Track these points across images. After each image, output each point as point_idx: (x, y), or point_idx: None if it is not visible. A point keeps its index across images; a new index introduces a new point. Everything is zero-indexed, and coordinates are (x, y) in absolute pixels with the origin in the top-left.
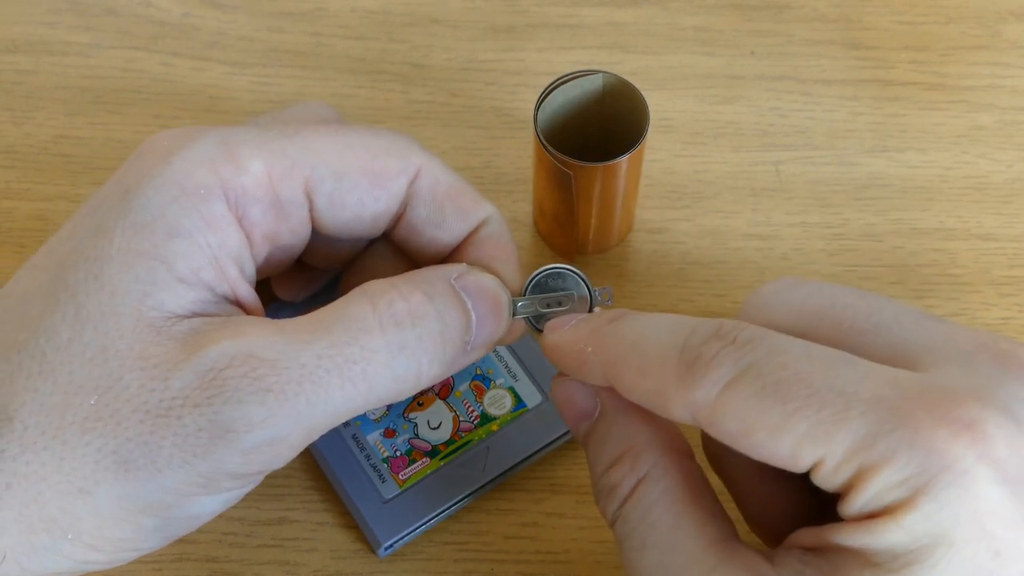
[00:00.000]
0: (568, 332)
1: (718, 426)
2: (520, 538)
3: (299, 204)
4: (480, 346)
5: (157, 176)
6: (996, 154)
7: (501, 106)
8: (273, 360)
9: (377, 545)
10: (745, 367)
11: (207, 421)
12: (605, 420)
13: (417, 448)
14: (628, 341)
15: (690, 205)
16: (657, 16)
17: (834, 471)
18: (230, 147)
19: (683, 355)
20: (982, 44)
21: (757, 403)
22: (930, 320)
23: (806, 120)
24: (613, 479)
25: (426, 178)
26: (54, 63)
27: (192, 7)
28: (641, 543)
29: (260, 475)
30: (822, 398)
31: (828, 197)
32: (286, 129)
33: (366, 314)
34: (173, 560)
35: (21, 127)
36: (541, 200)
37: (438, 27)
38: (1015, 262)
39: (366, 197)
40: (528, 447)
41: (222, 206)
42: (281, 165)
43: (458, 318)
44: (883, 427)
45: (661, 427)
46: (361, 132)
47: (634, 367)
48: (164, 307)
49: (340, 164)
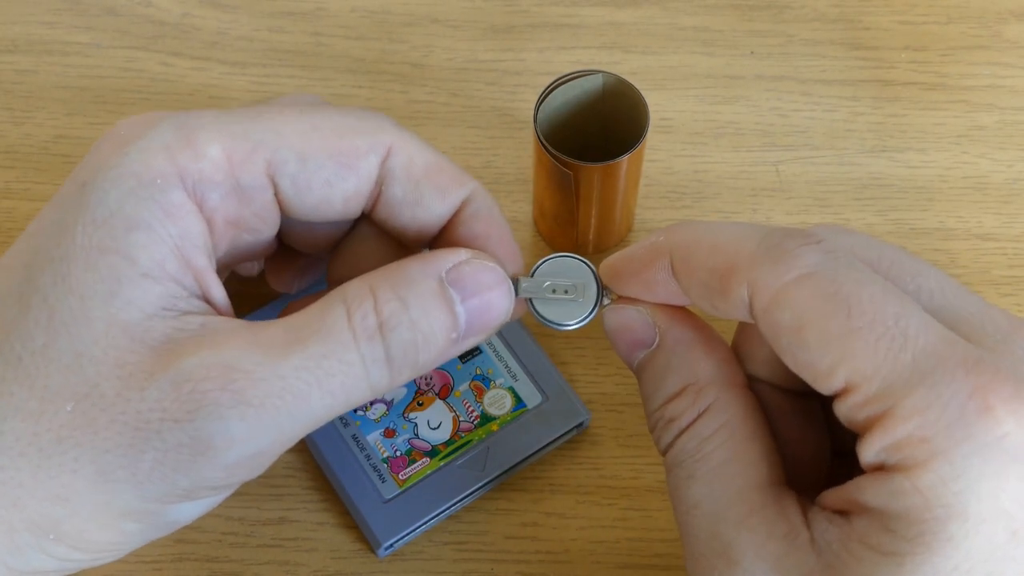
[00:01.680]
0: (637, 242)
1: (773, 314)
2: (520, 538)
3: (262, 188)
4: (473, 336)
5: (113, 168)
6: (996, 154)
7: (501, 106)
8: (251, 372)
9: (377, 545)
10: (824, 268)
11: (188, 437)
12: (664, 352)
13: (417, 448)
14: (705, 227)
15: (690, 205)
16: (657, 16)
17: (863, 403)
18: (187, 132)
19: (763, 241)
20: (982, 44)
21: (822, 304)
22: (970, 294)
23: (806, 120)
24: (672, 412)
25: (399, 156)
26: (54, 63)
27: (192, 7)
28: (691, 473)
29: (242, 481)
30: (885, 328)
31: (828, 197)
32: (249, 111)
33: (342, 326)
34: (173, 560)
35: (21, 127)
36: (541, 200)
37: (438, 27)
38: (1015, 262)
39: (333, 178)
40: (528, 447)
41: (180, 194)
42: (241, 148)
43: (438, 321)
44: (925, 379)
45: (723, 359)
46: (329, 112)
47: (707, 246)
48: (133, 305)
49: (304, 145)
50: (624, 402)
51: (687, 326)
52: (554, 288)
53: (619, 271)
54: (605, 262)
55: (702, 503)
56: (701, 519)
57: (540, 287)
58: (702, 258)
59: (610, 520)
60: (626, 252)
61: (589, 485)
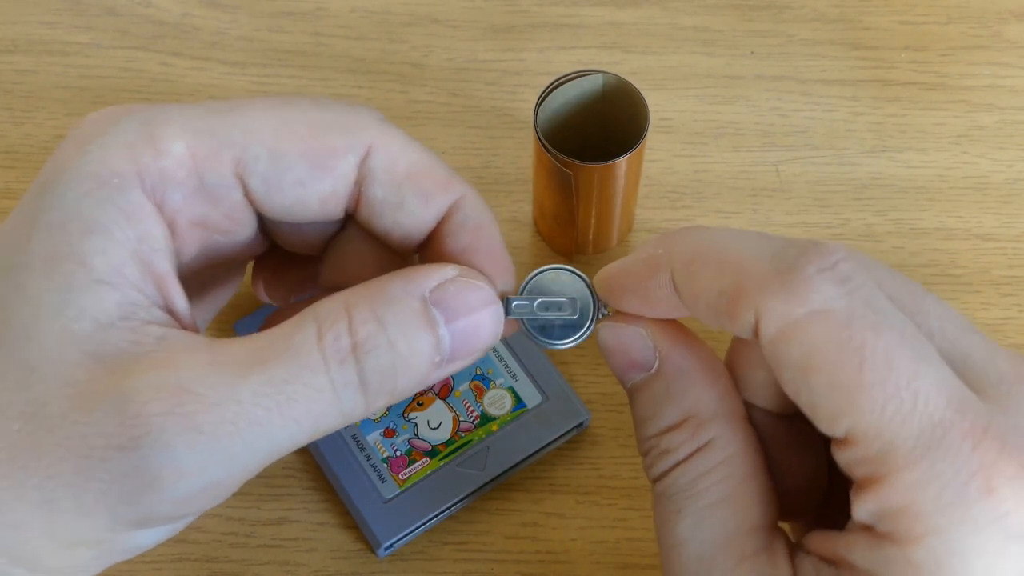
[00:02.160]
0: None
1: (780, 347)
2: (520, 538)
3: (229, 187)
4: (459, 359)
5: (71, 168)
6: (996, 154)
7: (501, 106)
8: (204, 395)
9: (377, 545)
10: (839, 306)
11: (132, 467)
12: (664, 378)
13: (417, 448)
14: (710, 239)
15: (690, 205)
16: (657, 16)
17: (862, 460)
18: (151, 128)
19: (776, 260)
20: (982, 44)
21: (834, 350)
22: (974, 332)
23: (806, 120)
24: (669, 443)
25: (380, 156)
26: (54, 63)
27: (192, 7)
28: (680, 508)
29: (201, 511)
30: (896, 389)
31: (828, 197)
32: (221, 105)
33: (311, 346)
34: (173, 560)
35: (21, 127)
36: (541, 200)
37: (438, 27)
38: (1015, 262)
39: (307, 178)
40: (528, 447)
41: (139, 194)
42: (208, 145)
43: (420, 344)
44: (930, 452)
45: (725, 390)
46: (306, 106)
47: (712, 263)
48: (86, 315)
49: (276, 142)
50: (624, 402)
51: (689, 352)
52: (547, 305)
53: (616, 285)
54: (601, 274)
55: (689, 542)
56: (687, 559)
57: (532, 306)
58: (708, 278)
59: (610, 520)
60: (623, 264)
61: (589, 485)
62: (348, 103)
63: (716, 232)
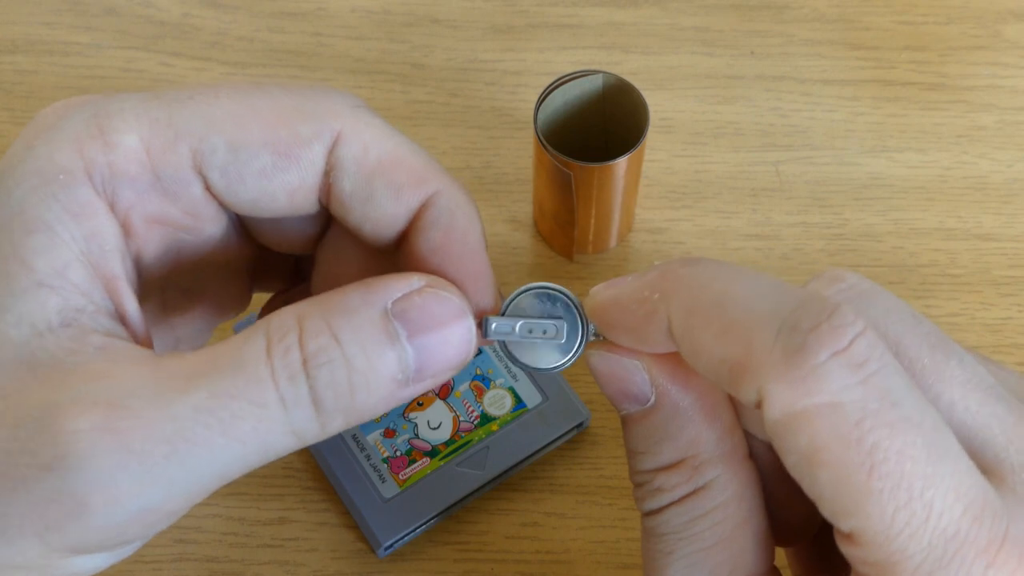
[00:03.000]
0: (630, 281)
1: (786, 434)
2: (520, 538)
3: (187, 181)
4: (428, 378)
5: (18, 165)
6: (996, 154)
7: (501, 106)
8: (137, 411)
9: (377, 545)
10: (853, 400)
11: (56, 490)
12: (661, 415)
13: (417, 448)
14: (713, 289)
15: (690, 205)
16: (657, 16)
17: (864, 561)
18: (100, 120)
19: (784, 334)
20: (982, 44)
21: (844, 451)
22: (995, 403)
23: (806, 120)
24: (664, 483)
25: (351, 145)
26: (54, 63)
27: (192, 7)
28: (672, 550)
29: (145, 538)
30: (908, 498)
31: (828, 197)
32: (180, 93)
33: (258, 360)
34: (173, 560)
35: (21, 127)
36: (541, 200)
37: (438, 27)
38: (1015, 262)
39: (270, 169)
40: (528, 447)
41: (87, 191)
42: (163, 136)
43: (379, 359)
44: (939, 569)
45: (727, 429)
46: (274, 92)
47: (714, 324)
48: (23, 320)
49: (236, 132)
50: None
51: (689, 386)
52: (531, 327)
53: (609, 321)
54: (592, 302)
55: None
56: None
57: (514, 327)
58: (708, 339)
59: (610, 520)
60: (616, 296)
61: (589, 485)
62: (321, 88)
63: (720, 277)
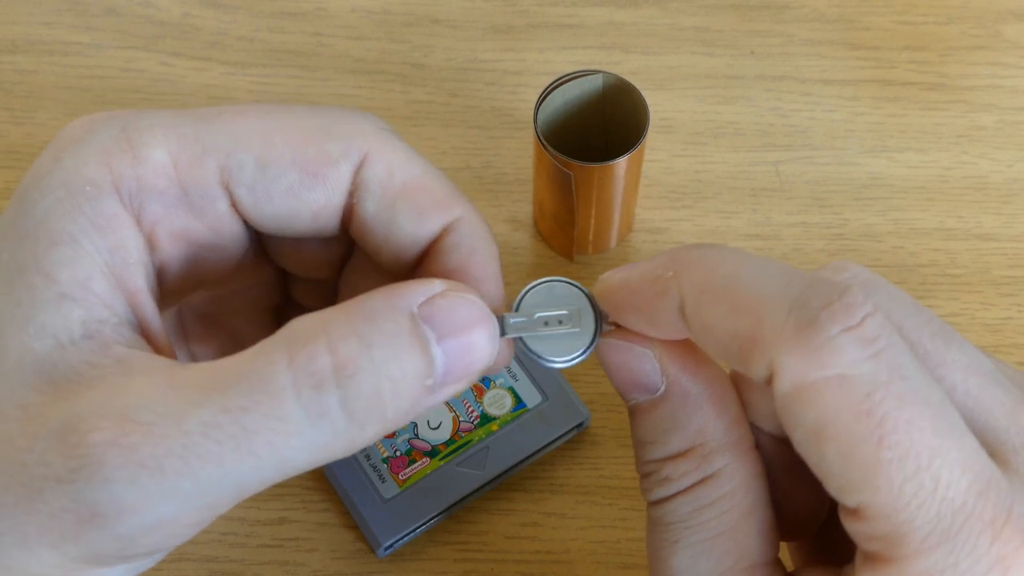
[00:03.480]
0: (642, 264)
1: (795, 407)
2: (520, 538)
3: (214, 197)
4: (453, 383)
5: (44, 176)
6: (996, 154)
7: (501, 106)
8: (150, 426)
9: (377, 545)
10: (863, 373)
11: (70, 501)
12: (670, 404)
13: (417, 448)
14: (725, 269)
15: (690, 205)
16: (657, 16)
17: (872, 537)
18: (129, 134)
19: (796, 310)
20: (982, 44)
21: (852, 421)
22: (995, 387)
23: (806, 120)
24: (672, 472)
25: (377, 166)
26: (54, 63)
27: (192, 7)
28: (678, 539)
29: (162, 551)
30: (917, 468)
31: (828, 197)
32: (208, 111)
33: (278, 370)
34: (173, 560)
35: (21, 127)
36: (541, 200)
37: (438, 27)
38: (1015, 262)
39: (297, 188)
40: (528, 447)
41: (114, 204)
42: (191, 151)
43: (411, 364)
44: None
45: (735, 419)
46: (300, 112)
47: (726, 300)
48: (47, 332)
49: (264, 149)
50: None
51: (699, 376)
52: (546, 320)
53: (619, 301)
54: (602, 284)
55: (685, 575)
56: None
57: (531, 321)
58: (720, 315)
59: (610, 520)
60: (627, 277)
61: (589, 485)
62: (348, 109)
63: (731, 259)
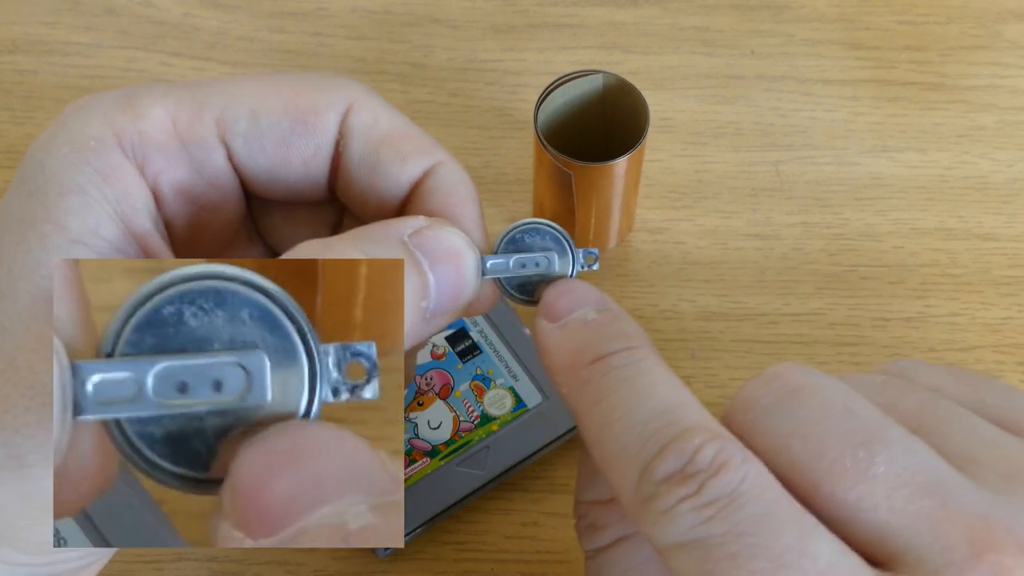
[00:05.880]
0: (561, 337)
1: (664, 560)
2: (520, 538)
3: (212, 148)
4: (443, 313)
5: (51, 138)
6: (996, 154)
7: (501, 106)
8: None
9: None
10: (697, 539)
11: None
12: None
13: (417, 448)
14: (606, 407)
15: (690, 205)
16: (657, 16)
17: None
18: (129, 98)
19: (641, 484)
20: (982, 44)
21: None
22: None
23: (806, 120)
24: (597, 519)
25: (362, 115)
26: (54, 63)
27: (192, 7)
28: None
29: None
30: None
31: (828, 197)
32: (204, 80)
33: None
34: (173, 560)
35: (21, 127)
36: (541, 200)
37: (438, 27)
38: (1015, 262)
39: (289, 136)
40: (528, 447)
41: (118, 155)
42: (188, 109)
43: (409, 283)
44: None
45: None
46: (289, 74)
47: (596, 450)
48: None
49: (257, 101)
50: None
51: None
52: (524, 262)
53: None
54: (542, 336)
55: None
56: None
57: (508, 263)
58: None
59: None
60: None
61: None
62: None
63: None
